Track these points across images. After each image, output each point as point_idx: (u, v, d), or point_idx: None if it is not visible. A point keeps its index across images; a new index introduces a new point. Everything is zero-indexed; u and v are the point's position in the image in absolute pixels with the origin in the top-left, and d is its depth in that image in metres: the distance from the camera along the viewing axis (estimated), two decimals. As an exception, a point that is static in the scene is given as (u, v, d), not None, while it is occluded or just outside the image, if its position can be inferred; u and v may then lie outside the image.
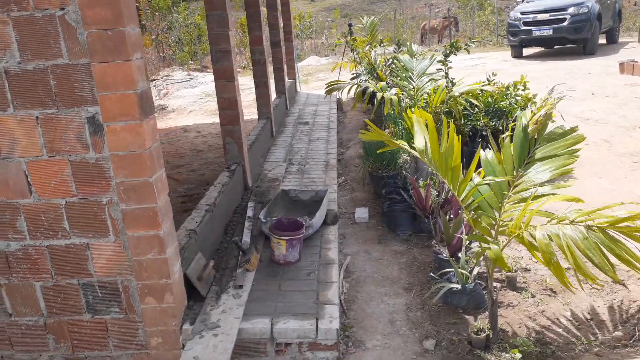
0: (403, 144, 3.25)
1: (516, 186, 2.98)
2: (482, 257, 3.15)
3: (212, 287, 3.43)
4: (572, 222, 2.56)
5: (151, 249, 2.88)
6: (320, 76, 15.62)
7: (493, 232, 2.98)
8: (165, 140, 10.07)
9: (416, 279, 3.90)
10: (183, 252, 3.31)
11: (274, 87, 9.74)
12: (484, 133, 5.48)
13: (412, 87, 5.39)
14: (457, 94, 5.05)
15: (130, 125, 2.68)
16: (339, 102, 10.06)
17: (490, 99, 5.54)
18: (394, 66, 6.89)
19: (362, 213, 5.05)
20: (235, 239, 3.70)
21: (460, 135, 5.52)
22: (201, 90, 15.65)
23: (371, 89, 5.20)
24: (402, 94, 5.43)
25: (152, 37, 23.39)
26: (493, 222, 2.99)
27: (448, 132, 3.01)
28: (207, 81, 17.66)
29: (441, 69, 6.52)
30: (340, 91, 5.24)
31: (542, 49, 15.67)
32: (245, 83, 14.96)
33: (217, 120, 11.83)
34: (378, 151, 4.65)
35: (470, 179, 3.01)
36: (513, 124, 3.20)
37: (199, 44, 24.64)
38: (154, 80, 19.61)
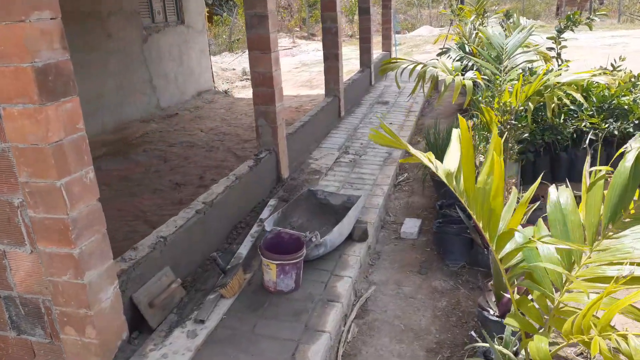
0: (429, 157, 2.21)
1: (597, 252, 1.82)
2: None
3: (171, 315, 2.73)
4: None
5: (65, 270, 2.22)
6: (427, 48, 14.16)
7: (544, 318, 1.88)
8: (244, 112, 9.63)
9: (450, 337, 2.86)
10: (133, 269, 2.63)
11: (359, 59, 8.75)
12: (592, 137, 4.10)
13: (496, 69, 4.13)
14: (555, 83, 3.73)
15: (28, 110, 1.99)
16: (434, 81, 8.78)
17: (606, 93, 4.11)
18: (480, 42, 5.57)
19: (410, 226, 4.03)
20: (213, 255, 2.94)
21: (557, 138, 4.22)
22: (299, 60, 15.04)
23: (438, 71, 4.07)
24: (484, 78, 4.20)
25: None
26: (548, 303, 1.88)
27: (492, 156, 1.91)
28: (309, 50, 17.03)
29: (552, 47, 5.14)
30: (399, 71, 4.17)
31: None
32: (346, 54, 14.08)
33: (303, 92, 11.11)
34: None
35: (516, 231, 1.92)
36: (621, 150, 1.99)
37: (312, 10, 24.00)
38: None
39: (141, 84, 8.72)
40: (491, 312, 2.73)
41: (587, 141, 3.74)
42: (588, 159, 2.06)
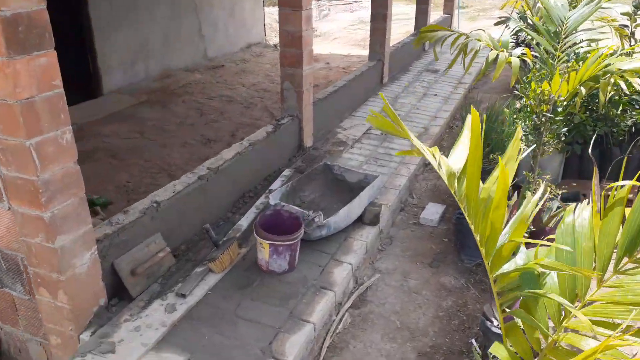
0: (432, 152, 1.94)
1: (606, 287, 1.51)
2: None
3: (155, 284, 2.63)
4: None
5: (37, 232, 2.14)
6: (495, 14, 13.18)
7: (538, 355, 1.62)
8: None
9: (447, 342, 2.63)
10: (118, 234, 2.53)
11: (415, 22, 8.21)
12: (653, 134, 3.60)
13: (551, 47, 3.65)
14: (617, 69, 3.25)
15: (-5, 63, 1.86)
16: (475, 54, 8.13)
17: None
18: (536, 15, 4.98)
19: (432, 212, 3.74)
20: (206, 226, 2.80)
21: (611, 131, 3.74)
22: (357, 16, 14.41)
23: (482, 44, 3.64)
24: (536, 57, 3.75)
25: (330, -49, 22.27)
26: (541, 338, 1.61)
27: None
28: (369, 6, 16.33)
29: (626, 25, 4.54)
30: (438, 42, 3.77)
31: None
32: (408, 13, 13.36)
33: (355, 52, 10.66)
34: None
35: (515, 252, 1.64)
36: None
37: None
38: (320, -1, 18.79)
39: (189, 32, 8.58)
40: (495, 323, 2.47)
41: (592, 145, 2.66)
42: (596, 170, 1.70)
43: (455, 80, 6.61)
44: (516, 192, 3.13)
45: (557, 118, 2.56)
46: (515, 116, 3.94)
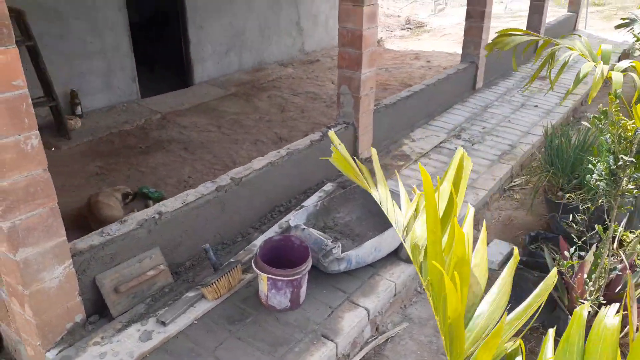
0: (418, 194, 1.46)
1: None
2: None
3: (141, 304, 2.40)
4: None
5: (1, 241, 1.99)
6: (637, 13, 11.39)
7: None
8: (385, 67, 8.78)
9: None
10: (103, 247, 2.33)
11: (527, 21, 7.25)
12: None
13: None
14: None
15: (-55, 59, 1.70)
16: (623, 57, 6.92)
17: None
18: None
19: (494, 252, 3.12)
20: (205, 246, 2.50)
21: None
22: (475, 11, 13.34)
23: (575, 54, 2.89)
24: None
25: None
26: None
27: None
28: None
29: None
30: (512, 49, 3.09)
31: None
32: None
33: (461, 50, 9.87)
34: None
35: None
36: None
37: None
38: (440, -9, 17.76)
39: (287, 24, 8.42)
40: None
41: None
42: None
43: (563, 90, 5.67)
44: (594, 247, 2.43)
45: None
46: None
